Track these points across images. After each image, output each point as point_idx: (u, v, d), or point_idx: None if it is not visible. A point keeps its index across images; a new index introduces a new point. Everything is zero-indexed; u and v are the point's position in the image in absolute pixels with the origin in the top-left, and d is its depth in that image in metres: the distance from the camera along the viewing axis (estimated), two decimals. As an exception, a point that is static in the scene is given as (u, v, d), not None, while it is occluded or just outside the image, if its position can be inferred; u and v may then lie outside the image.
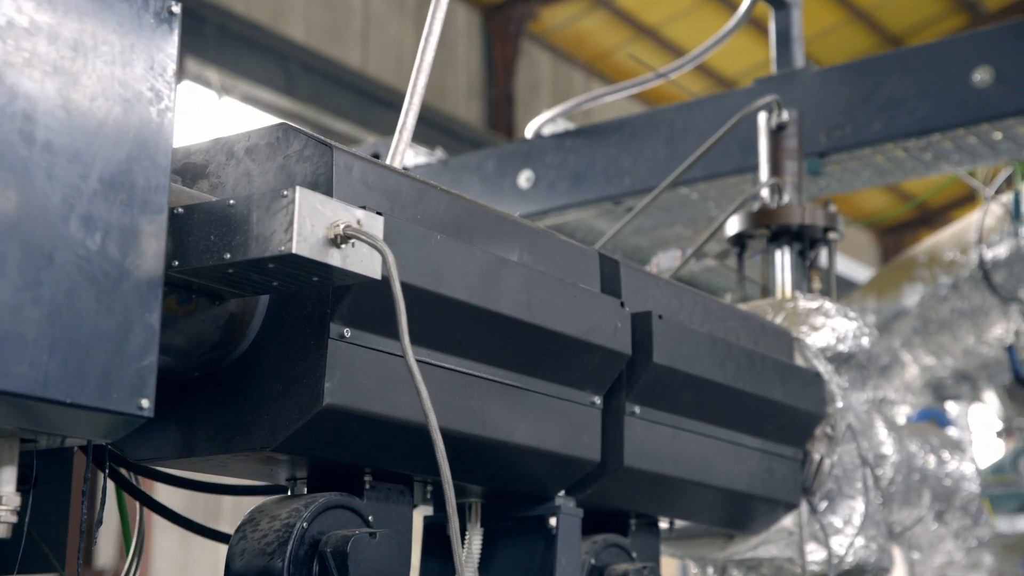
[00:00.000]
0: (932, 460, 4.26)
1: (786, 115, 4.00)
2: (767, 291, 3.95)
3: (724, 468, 2.94)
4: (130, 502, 2.28)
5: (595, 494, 2.63)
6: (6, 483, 1.85)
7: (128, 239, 1.69)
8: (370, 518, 2.15)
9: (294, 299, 2.02)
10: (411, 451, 2.18)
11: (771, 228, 3.90)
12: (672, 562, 4.12)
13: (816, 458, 3.30)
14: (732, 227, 3.98)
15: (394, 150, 2.62)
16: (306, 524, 2.04)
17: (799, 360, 3.37)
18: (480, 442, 2.29)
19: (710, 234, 3.94)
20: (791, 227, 3.90)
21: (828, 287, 3.98)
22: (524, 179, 5.30)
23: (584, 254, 2.61)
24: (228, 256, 1.82)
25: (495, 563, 2.59)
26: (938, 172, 5.03)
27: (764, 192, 3.98)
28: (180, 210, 1.87)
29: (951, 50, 4.56)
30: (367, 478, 2.22)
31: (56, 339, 1.60)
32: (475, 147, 10.52)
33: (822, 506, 3.41)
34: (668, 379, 2.69)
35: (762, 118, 4.05)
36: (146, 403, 1.70)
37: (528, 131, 5.39)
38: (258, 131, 2.15)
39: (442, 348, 2.20)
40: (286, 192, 1.79)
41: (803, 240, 3.94)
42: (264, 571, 2.02)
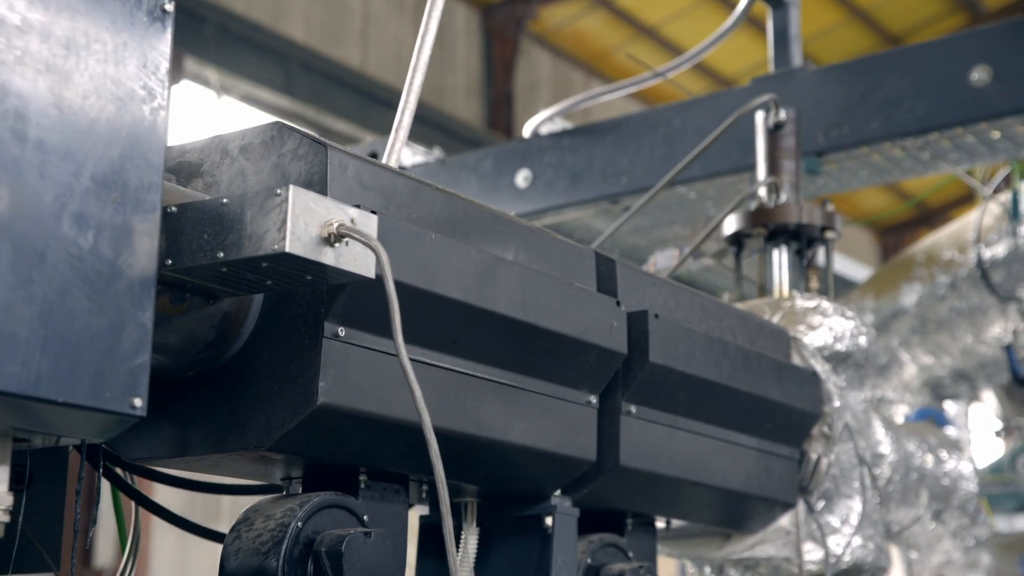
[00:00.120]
0: (930, 459, 4.25)
1: (783, 114, 4.00)
2: (764, 290, 3.95)
3: (721, 467, 2.93)
4: (126, 501, 2.28)
5: (591, 493, 2.63)
6: (-1, 482, 1.84)
7: (121, 238, 1.69)
8: (365, 518, 2.14)
9: (288, 298, 2.02)
10: (406, 450, 2.17)
11: (768, 227, 3.90)
12: (670, 562, 4.11)
13: (813, 457, 3.29)
14: (729, 226, 3.97)
15: (390, 149, 2.62)
16: (301, 524, 2.03)
17: (796, 359, 3.37)
18: (476, 441, 2.29)
19: (707, 233, 3.94)
20: (788, 226, 3.89)
21: (825, 286, 3.97)
22: (522, 178, 5.29)
23: (580, 253, 2.60)
24: (222, 255, 1.81)
25: (491, 562, 2.58)
26: (936, 171, 5.03)
27: (761, 191, 3.97)
28: (173, 209, 1.86)
29: (949, 49, 4.56)
30: (362, 477, 2.21)
31: (48, 338, 1.59)
32: (474, 147, 10.49)
33: (819, 505, 3.41)
34: (664, 378, 2.68)
35: (759, 117, 4.04)
36: (139, 402, 1.69)
37: (526, 130, 5.38)
38: (252, 130, 2.14)
39: (437, 347, 2.19)
40: (279, 190, 1.78)
41: (800, 239, 3.94)
42: (259, 571, 2.01)
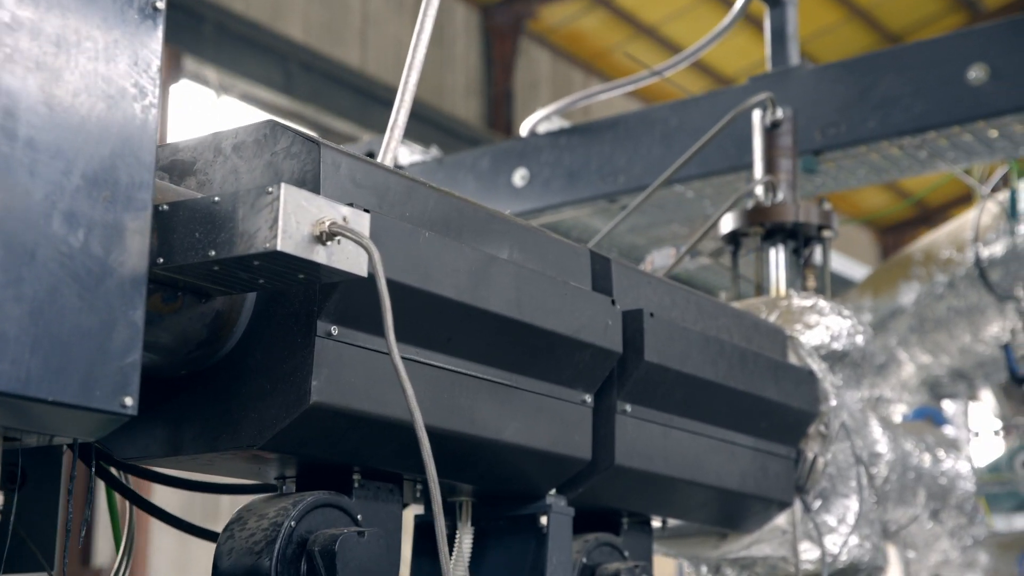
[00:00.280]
0: (927, 458, 4.25)
1: (780, 113, 3.99)
2: (761, 289, 3.95)
3: (716, 467, 2.93)
4: (121, 501, 2.27)
5: (586, 493, 2.62)
6: (-10, 481, 1.84)
7: (111, 236, 1.68)
8: (359, 517, 2.14)
9: (281, 297, 2.01)
10: (400, 449, 2.17)
11: (765, 226, 3.89)
12: (669, 562, 4.10)
13: (810, 456, 3.29)
14: (726, 225, 3.97)
15: (385, 147, 2.61)
16: (294, 523, 2.03)
17: (793, 358, 3.36)
18: (470, 440, 2.28)
19: (704, 232, 3.93)
20: (785, 225, 3.89)
21: (823, 285, 3.97)
22: (519, 177, 5.29)
23: (575, 252, 2.59)
24: (213, 253, 1.81)
25: (486, 562, 2.58)
26: (934, 170, 5.03)
27: (758, 190, 3.97)
28: (165, 207, 1.85)
29: (946, 47, 4.55)
30: (356, 476, 2.21)
31: (38, 337, 1.58)
32: (474, 146, 10.49)
33: (816, 505, 3.40)
34: (659, 377, 2.68)
35: (756, 116, 4.04)
36: (129, 401, 1.69)
37: (523, 129, 5.38)
38: (245, 128, 2.14)
39: (431, 346, 2.19)
40: (271, 189, 1.77)
41: (797, 238, 3.94)
42: (252, 570, 2.01)
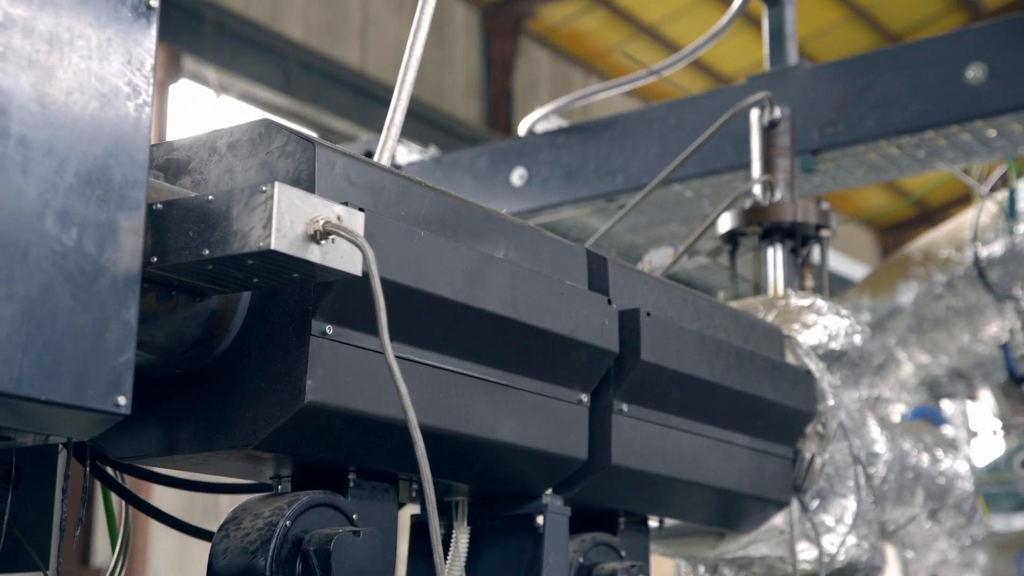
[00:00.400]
0: (925, 458, 4.24)
1: (778, 112, 3.99)
2: (759, 288, 3.94)
3: (713, 466, 2.92)
4: (118, 500, 2.27)
5: (583, 492, 2.61)
6: (-17, 481, 1.84)
7: (105, 235, 1.68)
8: (354, 516, 2.14)
9: (276, 296, 2.01)
10: (395, 449, 2.16)
11: (763, 225, 3.89)
12: (669, 562, 4.10)
13: (807, 456, 3.28)
14: (724, 224, 3.96)
15: (382, 146, 2.61)
16: (289, 522, 2.02)
17: (790, 358, 3.35)
18: (466, 440, 2.27)
19: (701, 231, 3.93)
20: (783, 224, 3.88)
21: (820, 284, 3.96)
22: (517, 176, 5.28)
23: (571, 251, 2.59)
24: (207, 252, 1.80)
25: (482, 561, 2.57)
26: (932, 169, 5.02)
27: (756, 189, 3.97)
28: (159, 206, 1.85)
29: (944, 47, 4.55)
30: (351, 476, 2.20)
31: (31, 336, 1.58)
32: (473, 146, 10.49)
33: (813, 504, 3.40)
34: (656, 377, 2.67)
35: (754, 115, 4.03)
36: (123, 400, 1.68)
37: (521, 128, 5.37)
38: (241, 127, 2.14)
39: (426, 345, 2.18)
40: (265, 187, 1.77)
41: (795, 237, 3.93)
42: (247, 570, 2.00)
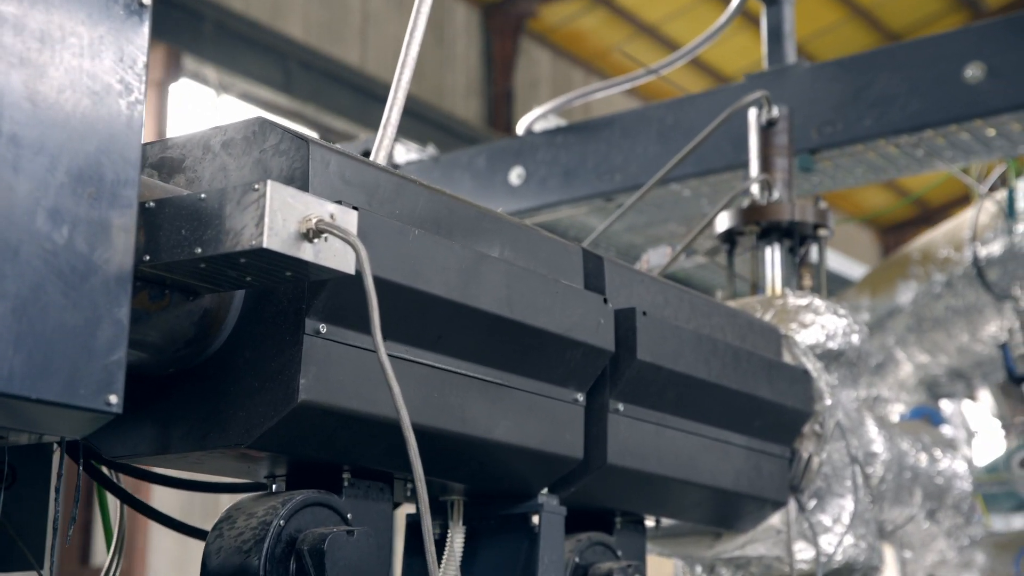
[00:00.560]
0: (924, 458, 4.23)
1: (776, 111, 3.98)
2: (757, 288, 3.94)
3: (710, 466, 2.91)
4: (113, 500, 2.26)
5: (579, 492, 2.61)
6: (-25, 480, 1.83)
7: (96, 233, 1.67)
8: (348, 516, 2.13)
9: (269, 295, 2.00)
10: (390, 448, 2.15)
11: (761, 224, 3.88)
12: (668, 562, 4.09)
13: (804, 456, 3.28)
14: (722, 223, 3.96)
15: (378, 145, 2.60)
16: (283, 522, 2.02)
17: (787, 357, 3.35)
18: (460, 439, 2.27)
19: (699, 230, 3.92)
20: (781, 223, 3.88)
21: (818, 284, 3.96)
22: (515, 176, 5.28)
23: (567, 250, 2.58)
24: (200, 251, 1.80)
25: (478, 561, 2.57)
26: (931, 169, 5.02)
27: (754, 188, 3.96)
28: (151, 204, 1.85)
29: (943, 46, 4.54)
30: (346, 475, 2.20)
31: (22, 334, 1.57)
32: (474, 145, 10.49)
33: (811, 504, 3.39)
34: (652, 376, 2.67)
35: (752, 114, 4.02)
36: (114, 399, 1.68)
37: (520, 127, 5.37)
38: (234, 125, 2.13)
39: (421, 344, 2.18)
40: (257, 186, 1.77)
41: (793, 237, 3.92)
42: (240, 569, 2.00)
